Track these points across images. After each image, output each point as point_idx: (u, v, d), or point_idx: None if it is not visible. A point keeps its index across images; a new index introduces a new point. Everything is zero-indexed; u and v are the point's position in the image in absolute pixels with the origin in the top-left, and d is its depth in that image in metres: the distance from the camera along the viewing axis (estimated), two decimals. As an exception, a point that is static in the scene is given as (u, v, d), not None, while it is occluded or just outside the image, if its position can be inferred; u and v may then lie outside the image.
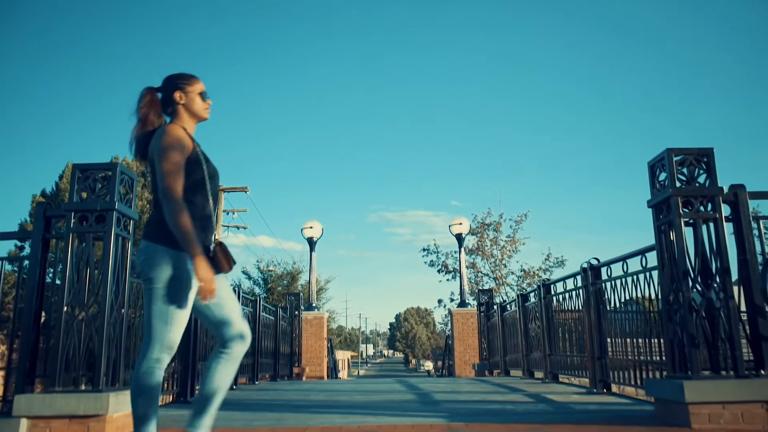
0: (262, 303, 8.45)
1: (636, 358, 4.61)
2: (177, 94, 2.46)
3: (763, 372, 3.39)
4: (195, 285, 2.29)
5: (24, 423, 3.17)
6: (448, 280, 24.60)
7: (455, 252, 23.01)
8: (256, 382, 7.86)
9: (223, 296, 2.40)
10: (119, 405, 3.31)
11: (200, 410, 2.30)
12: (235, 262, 2.42)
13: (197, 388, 5.47)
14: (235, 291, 7.00)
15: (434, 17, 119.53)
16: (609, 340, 5.20)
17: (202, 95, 2.51)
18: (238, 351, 2.37)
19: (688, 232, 3.55)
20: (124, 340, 3.59)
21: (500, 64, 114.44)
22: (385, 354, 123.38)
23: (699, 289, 3.47)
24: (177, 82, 2.49)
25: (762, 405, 3.22)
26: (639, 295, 4.46)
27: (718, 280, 3.46)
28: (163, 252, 2.27)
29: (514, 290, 22.40)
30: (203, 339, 5.67)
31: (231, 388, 6.61)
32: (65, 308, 3.38)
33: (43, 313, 3.71)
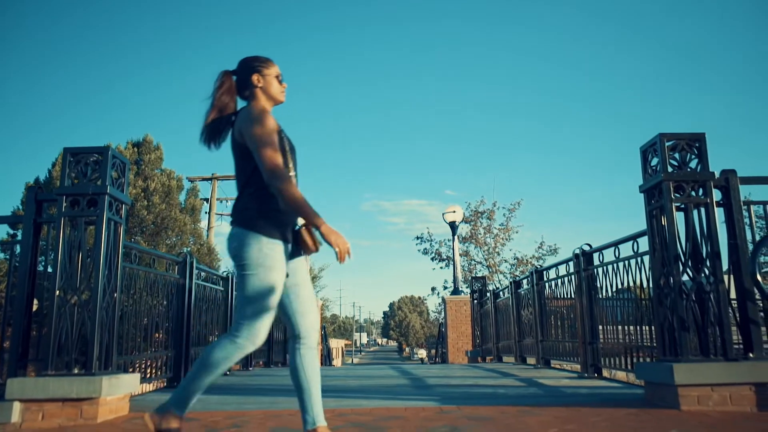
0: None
1: (627, 341, 4.65)
2: (255, 77, 2.44)
3: (751, 355, 3.43)
4: (283, 273, 2.30)
5: (17, 406, 3.17)
6: (441, 268, 24.71)
7: (449, 240, 23.07)
8: (250, 368, 7.88)
9: (304, 285, 2.40)
10: (112, 388, 3.31)
11: (305, 405, 2.30)
12: (321, 244, 2.38)
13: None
14: (228, 279, 7.01)
15: (429, 9, 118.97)
16: (601, 327, 5.24)
17: (279, 78, 2.48)
18: (312, 341, 2.36)
19: (679, 217, 3.58)
20: (117, 326, 3.58)
21: (495, 53, 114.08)
22: (379, 342, 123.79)
23: (689, 273, 3.50)
24: (254, 65, 2.46)
25: (750, 387, 3.26)
26: (630, 280, 4.49)
27: (708, 264, 3.49)
28: (255, 238, 2.26)
29: (507, 278, 22.50)
30: (196, 326, 5.67)
31: (225, 374, 6.63)
32: (57, 292, 3.36)
33: (36, 301, 3.69)
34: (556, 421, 2.97)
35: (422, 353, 55.38)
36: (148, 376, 4.75)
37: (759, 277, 3.41)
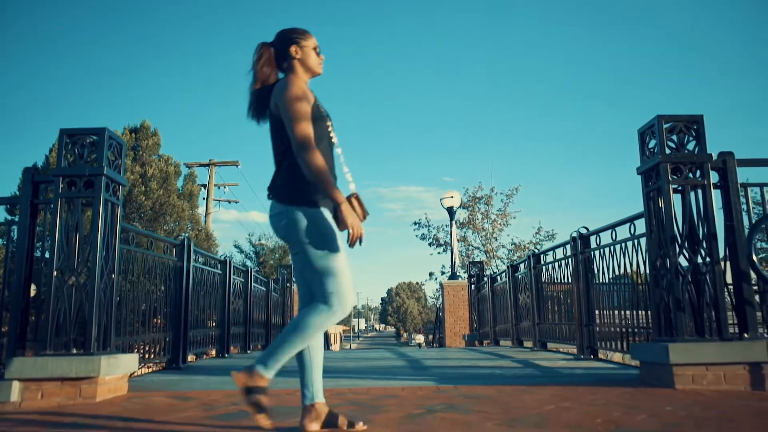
0: (253, 274, 8.47)
1: (622, 323, 4.68)
2: (293, 49, 2.41)
3: (746, 335, 3.46)
4: (339, 234, 2.29)
5: (16, 385, 3.18)
6: (439, 253, 24.76)
7: (446, 226, 23.11)
8: (248, 351, 7.92)
9: None
10: (111, 368, 3.33)
11: (305, 381, 2.34)
12: (368, 213, 2.36)
13: (189, 355, 5.51)
14: (226, 263, 7.02)
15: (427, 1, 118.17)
16: (597, 312, 5.26)
17: (316, 50, 2.46)
18: None
19: (676, 199, 3.58)
20: (115, 308, 3.58)
21: (493, 43, 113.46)
22: (377, 328, 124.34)
23: (686, 254, 3.51)
24: (292, 36, 2.44)
25: (744, 366, 3.29)
26: (627, 262, 4.50)
27: (704, 245, 3.50)
28: (300, 212, 2.25)
29: (504, 263, 22.55)
30: (194, 310, 5.68)
31: (223, 357, 6.67)
32: (55, 273, 3.36)
33: (34, 287, 3.69)
34: (553, 399, 3.00)
35: (420, 338, 55.68)
36: (147, 358, 4.76)
37: (755, 258, 3.43)
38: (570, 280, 5.76)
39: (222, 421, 2.61)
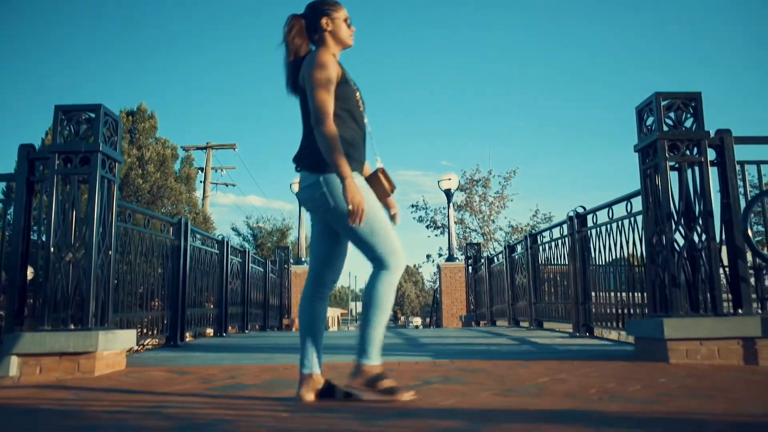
0: (250, 255, 8.49)
1: (618, 301, 4.71)
2: (324, 21, 2.40)
3: (740, 311, 3.48)
4: (373, 195, 2.31)
5: (14, 360, 3.20)
6: (436, 235, 24.76)
7: (444, 208, 23.14)
8: (246, 331, 7.96)
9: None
10: (108, 343, 3.34)
11: (304, 350, 2.39)
12: (395, 187, 2.37)
13: (187, 333, 5.53)
14: (223, 243, 7.03)
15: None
16: (594, 294, 5.29)
17: (347, 22, 2.45)
18: (327, 293, 2.47)
19: (673, 177, 3.58)
20: (112, 285, 3.59)
21: (490, 27, 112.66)
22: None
23: (682, 231, 3.52)
24: (323, 8, 2.43)
25: (738, 341, 3.32)
26: (623, 240, 4.51)
27: (700, 222, 3.51)
28: (331, 178, 2.25)
29: (501, 246, 22.61)
30: (192, 290, 5.70)
31: (221, 336, 6.70)
32: (52, 249, 3.37)
33: (32, 270, 3.68)
34: (548, 372, 3.03)
35: (417, 321, 55.89)
36: (146, 339, 4.78)
37: (750, 233, 3.44)
38: (566, 260, 5.79)
39: (220, 392, 2.64)
